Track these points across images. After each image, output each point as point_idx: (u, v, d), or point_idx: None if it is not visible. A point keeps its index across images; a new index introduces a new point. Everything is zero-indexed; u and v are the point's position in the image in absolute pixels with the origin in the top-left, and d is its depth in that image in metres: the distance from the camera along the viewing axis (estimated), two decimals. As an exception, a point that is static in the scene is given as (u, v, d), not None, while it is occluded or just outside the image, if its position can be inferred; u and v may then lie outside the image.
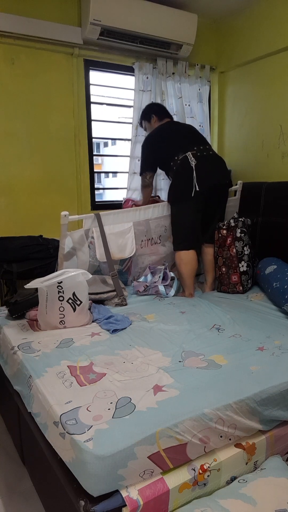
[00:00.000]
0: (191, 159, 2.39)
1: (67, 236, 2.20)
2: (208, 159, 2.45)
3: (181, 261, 2.44)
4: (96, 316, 2.00)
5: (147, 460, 1.09)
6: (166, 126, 2.61)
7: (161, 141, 2.55)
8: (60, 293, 1.82)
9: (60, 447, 1.15)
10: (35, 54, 2.59)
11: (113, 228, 2.41)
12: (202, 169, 2.38)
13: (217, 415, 1.21)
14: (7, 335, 1.80)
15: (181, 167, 2.42)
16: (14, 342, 1.72)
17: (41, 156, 2.72)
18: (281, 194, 2.69)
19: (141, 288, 2.41)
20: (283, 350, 1.60)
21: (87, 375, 1.42)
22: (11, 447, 1.89)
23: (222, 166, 2.55)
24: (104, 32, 2.61)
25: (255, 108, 3.06)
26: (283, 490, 1.14)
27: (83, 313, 1.90)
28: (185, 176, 2.39)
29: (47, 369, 1.46)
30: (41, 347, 1.66)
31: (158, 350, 1.63)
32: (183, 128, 2.63)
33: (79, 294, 1.86)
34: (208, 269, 2.65)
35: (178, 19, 2.79)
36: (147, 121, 2.75)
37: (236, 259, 2.44)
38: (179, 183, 2.46)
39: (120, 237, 2.43)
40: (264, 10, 2.83)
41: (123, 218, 2.47)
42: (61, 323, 1.86)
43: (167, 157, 2.51)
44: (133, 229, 2.49)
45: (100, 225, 2.34)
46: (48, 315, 1.84)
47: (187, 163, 2.39)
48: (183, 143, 2.49)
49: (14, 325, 1.93)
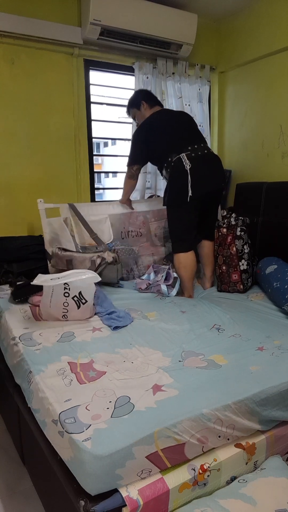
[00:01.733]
0: (185, 162, 2.28)
1: (46, 221, 2.44)
2: (203, 160, 2.35)
3: (180, 264, 2.41)
4: (98, 309, 1.99)
5: (145, 460, 1.09)
6: (159, 117, 2.47)
7: (154, 134, 2.43)
8: (66, 289, 1.81)
9: (59, 445, 1.15)
10: (35, 54, 2.59)
11: (90, 217, 2.57)
12: (197, 173, 2.29)
13: (215, 415, 1.21)
14: (9, 322, 1.80)
15: (175, 171, 2.34)
16: (15, 332, 1.71)
17: (41, 156, 2.72)
18: (282, 194, 2.68)
19: (143, 286, 2.41)
20: (283, 350, 1.60)
21: (87, 373, 1.41)
22: (11, 447, 1.89)
23: (218, 167, 2.45)
24: (104, 32, 2.61)
25: (255, 108, 3.06)
26: (283, 490, 1.14)
27: (87, 310, 1.89)
28: (180, 181, 2.31)
29: (48, 364, 1.46)
30: (42, 340, 1.65)
31: (158, 350, 1.63)
32: (176, 122, 2.46)
33: (85, 294, 1.84)
34: (206, 262, 2.62)
35: (178, 19, 2.79)
36: (136, 108, 2.59)
37: (236, 258, 2.43)
38: (173, 187, 2.39)
39: (98, 223, 2.59)
40: (264, 10, 2.83)
41: (97, 210, 2.64)
42: (63, 317, 1.85)
43: (160, 153, 2.42)
44: (108, 220, 2.62)
45: (77, 213, 2.50)
46: (51, 308, 1.83)
47: (181, 166, 2.29)
48: (177, 142, 2.38)
49: (16, 310, 1.93)
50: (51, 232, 2.43)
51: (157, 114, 2.50)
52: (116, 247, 2.64)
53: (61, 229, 2.44)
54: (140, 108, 2.57)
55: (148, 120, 2.49)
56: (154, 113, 2.50)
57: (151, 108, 2.55)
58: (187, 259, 2.41)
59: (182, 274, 2.41)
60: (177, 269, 2.44)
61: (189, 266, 2.41)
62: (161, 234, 2.85)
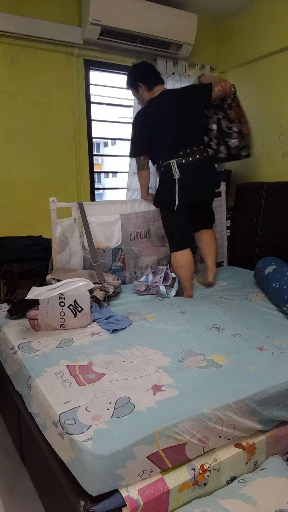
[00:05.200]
0: (174, 170, 2.25)
1: (57, 223, 2.26)
2: (193, 168, 2.29)
3: (177, 263, 2.41)
4: (96, 316, 2.00)
5: (146, 460, 1.09)
6: (157, 110, 2.32)
7: (152, 125, 2.31)
8: (61, 299, 1.82)
9: (60, 447, 1.15)
10: (35, 54, 2.59)
11: (101, 218, 2.48)
12: (185, 183, 2.25)
13: (216, 415, 1.21)
14: (7, 334, 1.80)
15: (164, 177, 2.33)
16: (14, 341, 1.71)
17: (41, 156, 2.72)
18: (282, 194, 2.69)
19: (142, 288, 2.41)
20: (283, 350, 1.60)
21: (86, 375, 1.41)
22: (11, 447, 1.89)
23: (208, 175, 2.39)
24: (104, 32, 2.61)
25: (255, 108, 3.06)
26: (283, 490, 1.14)
27: (84, 317, 1.90)
28: (167, 189, 2.30)
29: (46, 369, 1.46)
30: (41, 347, 1.66)
31: (158, 350, 1.63)
32: (175, 115, 2.31)
33: (80, 302, 1.85)
34: (208, 252, 2.57)
35: (178, 19, 2.79)
36: (133, 89, 2.46)
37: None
38: (161, 193, 2.38)
39: (107, 227, 2.49)
40: (264, 10, 2.83)
41: (110, 210, 2.52)
42: (61, 326, 1.85)
43: (153, 152, 2.37)
44: (120, 221, 2.54)
45: (82, 214, 2.34)
46: (48, 319, 1.84)
47: (170, 174, 2.27)
48: (170, 144, 2.30)
49: (15, 324, 1.93)
50: (60, 235, 2.28)
51: (157, 102, 2.34)
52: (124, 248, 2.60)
53: (70, 231, 2.34)
54: (138, 90, 2.43)
55: (146, 107, 2.37)
56: (153, 100, 2.36)
57: (149, 90, 2.39)
58: (183, 258, 2.40)
59: (179, 273, 2.41)
60: (174, 268, 2.44)
61: (186, 265, 2.40)
62: (161, 234, 2.84)
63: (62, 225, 2.30)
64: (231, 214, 3.14)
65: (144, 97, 2.42)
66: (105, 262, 2.52)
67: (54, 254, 2.29)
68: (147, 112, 2.37)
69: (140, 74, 2.42)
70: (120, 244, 2.55)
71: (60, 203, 2.28)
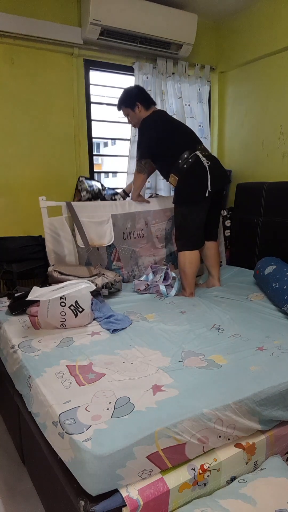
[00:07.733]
0: (203, 159, 2.37)
1: (48, 221, 2.37)
2: (212, 160, 2.43)
3: (186, 259, 2.43)
4: (97, 314, 1.99)
5: (145, 460, 1.09)
6: (166, 116, 2.54)
7: (167, 131, 2.45)
8: (62, 299, 1.82)
9: (59, 447, 1.15)
10: (35, 54, 2.59)
11: (92, 217, 2.53)
12: (214, 170, 2.38)
13: (216, 415, 1.21)
14: (8, 332, 1.80)
15: (194, 167, 2.37)
16: (14, 340, 1.71)
17: (41, 156, 2.72)
18: (282, 194, 2.69)
19: (142, 287, 2.41)
20: (283, 350, 1.60)
21: (86, 375, 1.41)
22: (11, 447, 1.89)
23: (223, 167, 2.54)
24: (104, 32, 2.62)
25: (255, 108, 3.06)
26: (283, 490, 1.14)
27: (85, 317, 1.90)
28: (199, 177, 2.36)
29: (46, 369, 1.46)
30: (41, 346, 1.66)
31: (158, 350, 1.63)
32: (180, 122, 2.58)
33: (81, 303, 1.85)
34: (213, 264, 2.63)
35: (178, 19, 2.80)
36: (130, 108, 2.53)
37: None
38: (193, 183, 2.40)
39: (99, 225, 2.54)
40: (264, 10, 2.83)
41: (100, 210, 2.58)
42: (62, 325, 1.85)
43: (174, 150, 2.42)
44: (111, 220, 2.59)
45: (73, 214, 2.44)
46: (49, 318, 1.84)
47: (200, 163, 2.36)
48: (188, 139, 2.45)
49: (15, 321, 1.92)
50: (52, 232, 2.40)
51: (161, 112, 2.56)
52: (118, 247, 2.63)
53: (62, 229, 2.43)
54: (134, 109, 2.51)
55: (156, 117, 2.50)
56: (158, 111, 2.55)
57: (146, 109, 2.52)
58: (193, 256, 2.45)
59: (187, 270, 2.42)
60: (183, 265, 2.44)
61: (195, 262, 2.45)
62: (162, 235, 2.83)
63: (54, 222, 2.40)
64: (231, 214, 3.14)
65: (141, 116, 2.52)
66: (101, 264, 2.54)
67: (49, 252, 2.38)
68: (157, 117, 2.50)
69: (135, 94, 2.53)
70: (113, 242, 2.59)
71: (50, 202, 2.38)
